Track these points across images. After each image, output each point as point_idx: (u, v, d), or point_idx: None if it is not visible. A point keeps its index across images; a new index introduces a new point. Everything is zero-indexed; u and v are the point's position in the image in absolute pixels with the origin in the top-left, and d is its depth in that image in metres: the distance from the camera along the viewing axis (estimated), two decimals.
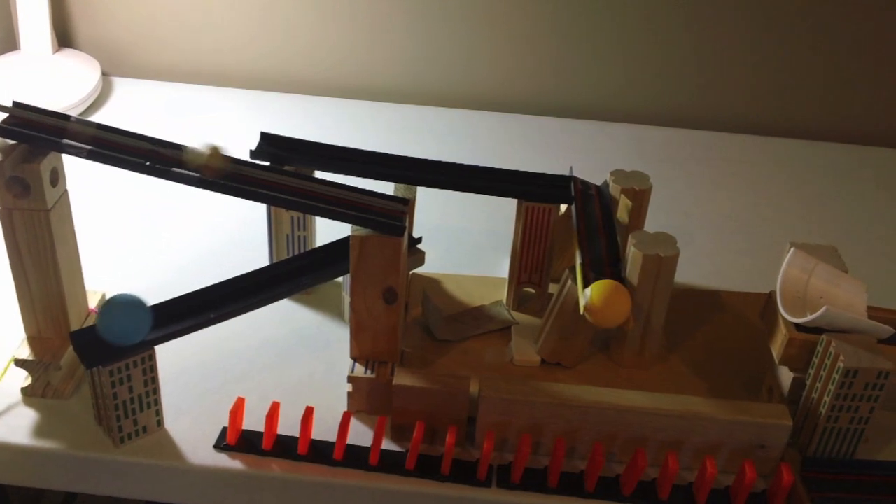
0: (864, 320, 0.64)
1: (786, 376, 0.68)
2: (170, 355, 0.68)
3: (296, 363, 0.74)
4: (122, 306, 0.62)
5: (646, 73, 1.12)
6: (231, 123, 1.06)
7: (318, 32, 1.12)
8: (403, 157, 0.77)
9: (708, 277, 0.86)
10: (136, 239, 0.87)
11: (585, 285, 0.66)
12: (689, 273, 0.80)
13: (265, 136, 0.76)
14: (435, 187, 0.76)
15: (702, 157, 1.08)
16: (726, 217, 0.98)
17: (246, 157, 0.70)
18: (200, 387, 0.71)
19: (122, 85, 1.12)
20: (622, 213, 0.76)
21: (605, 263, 0.69)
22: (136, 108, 1.08)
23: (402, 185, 0.76)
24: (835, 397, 0.63)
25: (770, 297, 0.70)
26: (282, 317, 0.77)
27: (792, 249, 0.69)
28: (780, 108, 1.14)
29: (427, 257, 0.75)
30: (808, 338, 0.65)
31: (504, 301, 0.79)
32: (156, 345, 0.64)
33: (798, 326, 0.66)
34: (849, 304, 0.67)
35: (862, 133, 1.15)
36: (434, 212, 0.86)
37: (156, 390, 0.65)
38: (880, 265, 0.91)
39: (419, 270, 0.77)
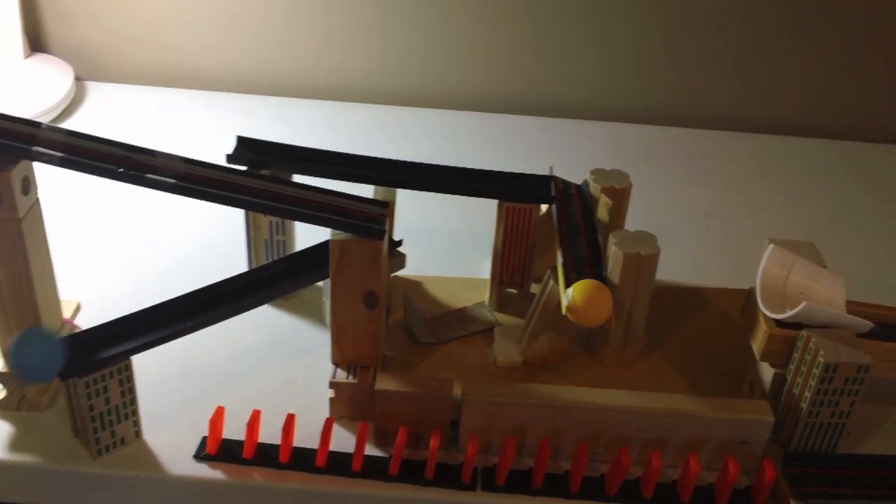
0: (844, 315, 0.65)
1: (767, 372, 0.68)
2: (147, 365, 0.66)
3: (276, 370, 0.73)
4: (30, 343, 0.60)
5: (623, 70, 1.13)
6: (207, 127, 1.05)
7: (293, 33, 1.11)
8: (383, 159, 0.76)
9: (689, 274, 0.86)
10: (111, 247, 0.86)
11: (567, 285, 0.66)
12: (669, 270, 0.80)
13: (242, 140, 0.75)
14: (415, 189, 0.75)
15: (680, 154, 1.08)
16: (706, 214, 0.98)
17: (222, 161, 0.70)
18: (179, 396, 0.70)
19: (95, 89, 1.10)
20: (602, 212, 0.76)
21: (586, 263, 0.69)
22: (110, 113, 1.06)
23: (381, 188, 0.75)
24: (815, 392, 0.63)
25: (750, 293, 0.70)
26: (261, 323, 0.77)
27: (771, 246, 0.69)
28: (758, 104, 1.15)
29: (408, 259, 0.75)
30: (789, 333, 0.65)
31: (486, 302, 0.79)
32: (132, 354, 0.63)
33: (778, 322, 0.66)
34: (828, 299, 0.67)
35: (838, 128, 1.16)
36: (415, 213, 0.85)
37: (133, 401, 0.64)
38: (858, 259, 0.92)
39: (400, 273, 0.77)
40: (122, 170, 0.63)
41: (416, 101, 1.13)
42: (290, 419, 0.64)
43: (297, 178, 0.71)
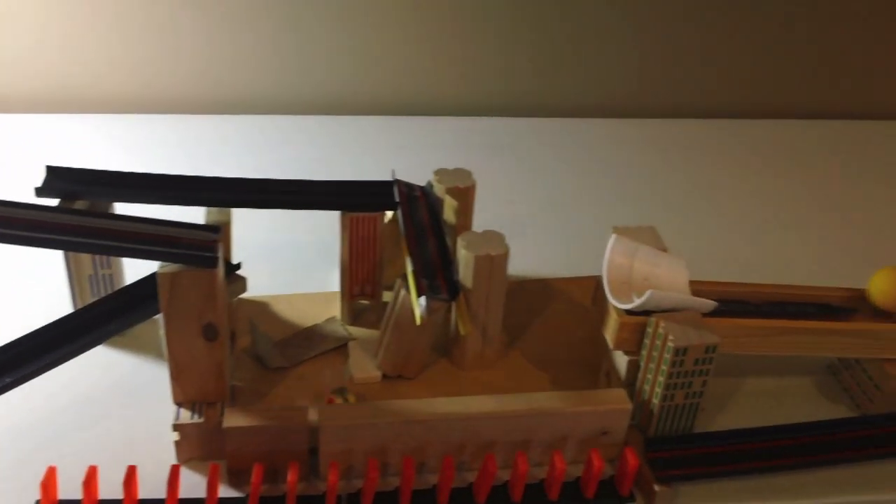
0: (688, 298, 0.66)
1: (621, 360, 0.69)
2: None
3: (114, 416, 0.67)
4: None
5: (451, 63, 1.12)
6: (18, 151, 0.97)
7: (103, 44, 1.03)
8: (212, 178, 0.72)
9: (540, 266, 0.86)
10: None
11: (419, 293, 0.64)
12: (521, 264, 0.80)
13: (52, 170, 0.69)
14: (250, 207, 0.71)
15: (520, 144, 1.09)
16: (552, 203, 0.98)
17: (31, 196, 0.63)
18: (6, 458, 0.63)
19: None
20: (449, 214, 0.75)
21: (436, 268, 0.67)
22: None
23: (214, 209, 0.71)
24: (668, 376, 0.64)
25: (599, 282, 0.71)
26: (93, 365, 0.70)
27: (613, 236, 0.70)
28: (583, 89, 1.17)
29: (253, 279, 0.71)
30: (638, 320, 0.66)
31: (338, 317, 0.76)
32: None
33: (627, 311, 0.67)
34: (672, 282, 0.68)
35: (663, 106, 1.19)
36: (254, 230, 0.81)
37: None
38: (698, 236, 0.95)
39: (244, 295, 0.73)
40: None
41: (245, 109, 1.09)
42: (132, 472, 0.59)
43: (121, 207, 0.66)
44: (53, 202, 0.67)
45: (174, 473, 0.59)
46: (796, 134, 1.19)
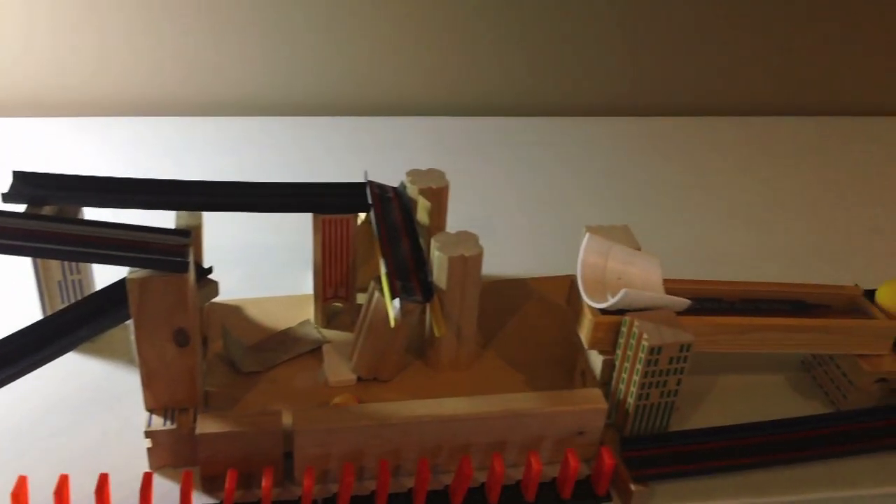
0: (662, 296, 0.66)
1: (596, 359, 0.68)
2: None
3: (86, 424, 0.66)
4: None
5: (421, 64, 1.11)
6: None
7: (71, 46, 1.02)
8: (182, 181, 0.71)
9: (514, 266, 0.86)
10: None
11: (393, 295, 0.64)
12: (495, 265, 0.80)
13: (19, 175, 0.68)
14: (220, 210, 0.70)
15: (493, 144, 1.09)
16: (525, 202, 0.98)
17: None
18: None
19: None
20: (422, 215, 0.74)
21: (410, 269, 0.67)
22: None
23: (184, 213, 0.70)
24: (643, 375, 0.64)
25: (574, 281, 0.71)
26: (65, 372, 0.70)
27: (587, 235, 0.70)
28: (554, 88, 1.17)
29: (225, 283, 0.70)
30: (613, 320, 0.66)
31: (312, 320, 0.75)
32: None
33: (602, 310, 0.66)
34: (646, 281, 0.68)
35: (636, 105, 1.20)
36: (226, 234, 0.80)
37: None
38: (671, 235, 0.95)
39: (217, 299, 0.72)
40: None
41: (219, 111, 1.08)
42: (104, 480, 0.58)
43: (90, 213, 0.65)
44: (20, 208, 0.66)
45: (147, 481, 0.59)
46: (767, 131, 1.19)
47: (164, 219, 0.69)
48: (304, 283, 0.77)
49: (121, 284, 0.64)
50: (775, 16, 1.16)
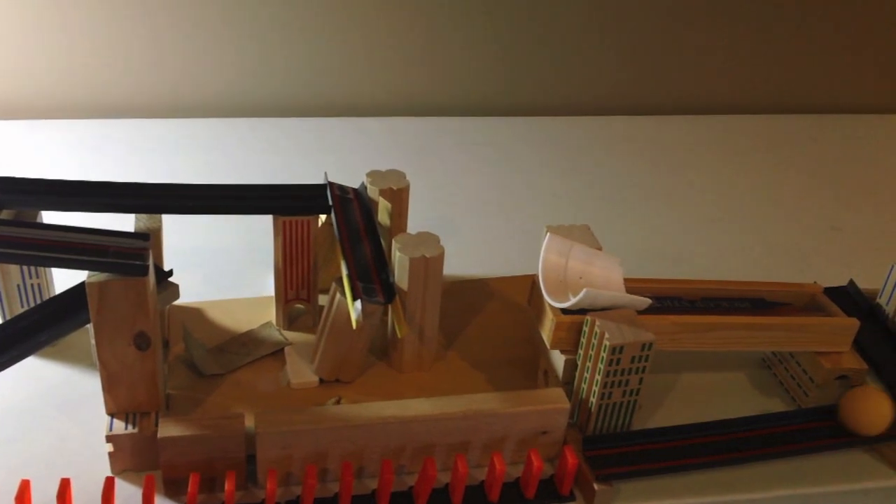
0: (623, 296, 0.67)
1: (558, 359, 0.69)
2: None
3: (46, 429, 0.66)
4: None
5: (380, 65, 1.11)
6: None
7: (20, 47, 1.00)
8: (141, 184, 0.70)
9: (476, 266, 0.86)
10: None
11: (354, 296, 0.64)
12: (456, 265, 0.80)
13: None
14: (180, 213, 0.70)
15: (452, 144, 1.09)
16: (486, 203, 0.99)
17: None
18: None
19: None
20: (383, 216, 0.74)
21: (371, 271, 0.67)
22: None
23: (143, 216, 0.69)
24: (605, 374, 0.65)
25: (535, 281, 0.71)
26: (24, 376, 0.69)
27: (548, 235, 0.70)
28: (514, 88, 1.17)
29: (185, 286, 0.69)
30: (574, 319, 0.67)
31: (273, 322, 0.75)
32: None
33: (563, 310, 0.67)
34: (606, 281, 0.69)
35: (594, 105, 1.20)
36: (185, 235, 0.79)
37: None
38: (631, 234, 0.96)
39: (178, 301, 0.71)
40: None
41: (175, 112, 1.07)
42: (65, 484, 0.58)
43: (49, 216, 0.64)
44: None
45: (109, 485, 0.58)
46: (725, 130, 1.21)
47: (123, 222, 0.68)
48: (266, 285, 0.77)
49: (80, 288, 0.63)
50: (720, 12, 1.17)
